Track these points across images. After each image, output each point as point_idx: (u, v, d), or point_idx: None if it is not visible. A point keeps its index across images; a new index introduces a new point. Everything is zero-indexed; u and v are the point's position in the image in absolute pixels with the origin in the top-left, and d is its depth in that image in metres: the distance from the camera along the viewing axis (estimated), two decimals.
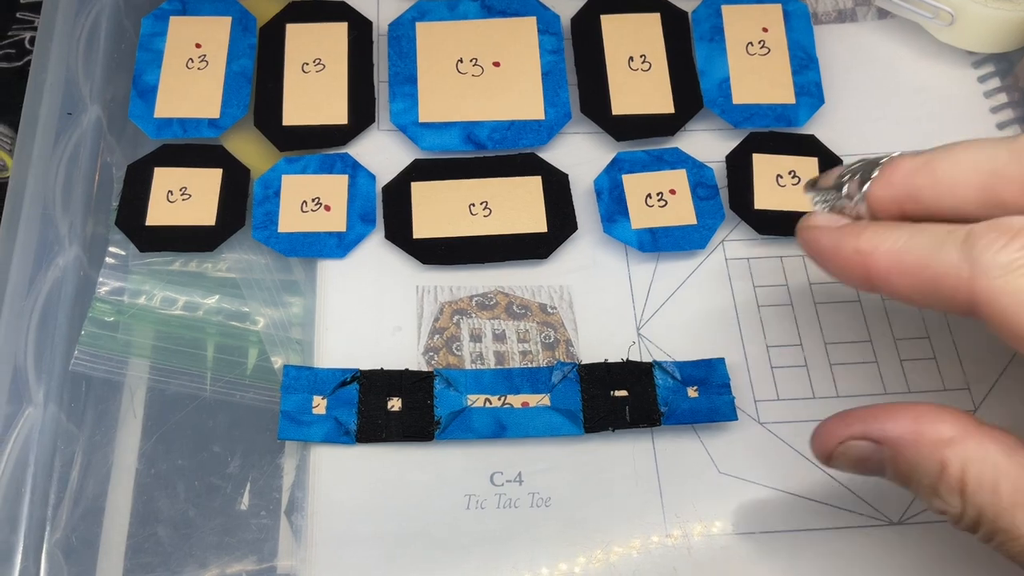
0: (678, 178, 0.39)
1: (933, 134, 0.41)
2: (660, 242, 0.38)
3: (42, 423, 0.34)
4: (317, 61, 0.41)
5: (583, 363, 0.35)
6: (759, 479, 0.34)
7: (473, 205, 0.38)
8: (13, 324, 0.35)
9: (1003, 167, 0.25)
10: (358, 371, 0.35)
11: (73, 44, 0.41)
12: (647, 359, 0.36)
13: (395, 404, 0.34)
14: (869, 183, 0.28)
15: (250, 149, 0.40)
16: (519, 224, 0.38)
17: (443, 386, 0.34)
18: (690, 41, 0.42)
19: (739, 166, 0.39)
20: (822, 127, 0.41)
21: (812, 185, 0.30)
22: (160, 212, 0.38)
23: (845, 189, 0.29)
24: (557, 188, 0.39)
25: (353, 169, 0.39)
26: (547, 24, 0.42)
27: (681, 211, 0.38)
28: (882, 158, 0.28)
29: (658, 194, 0.38)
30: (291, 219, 0.38)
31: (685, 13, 0.42)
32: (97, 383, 0.35)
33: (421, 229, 0.38)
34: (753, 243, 0.39)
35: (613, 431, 0.34)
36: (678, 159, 0.40)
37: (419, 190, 0.39)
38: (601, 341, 0.36)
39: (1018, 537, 0.23)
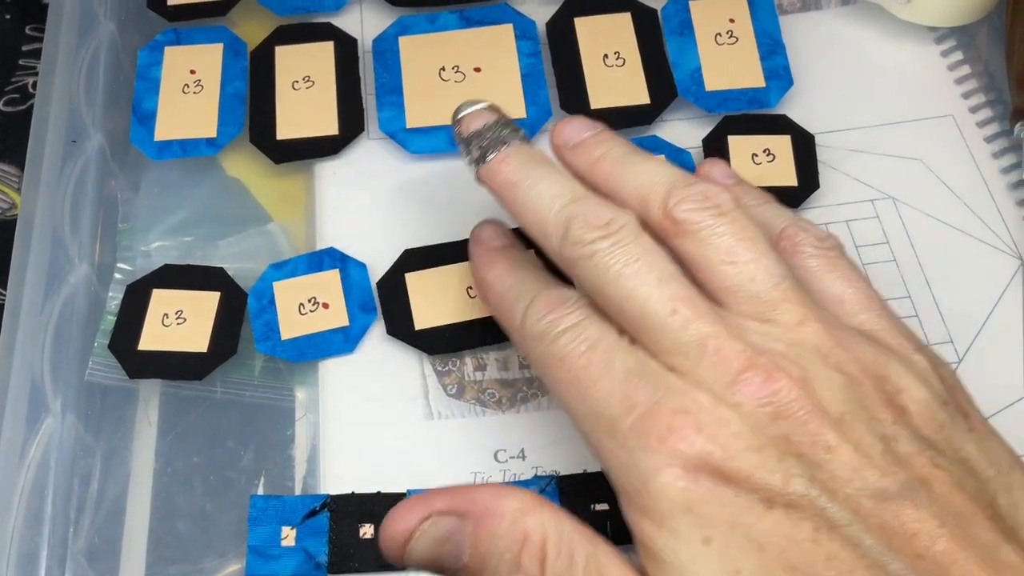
0: None
1: (901, 107, 0.43)
2: None
3: (61, 432, 0.35)
4: (306, 79, 0.43)
5: (561, 474, 0.34)
6: None
7: (471, 288, 0.37)
8: (29, 339, 0.36)
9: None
10: (328, 497, 0.33)
11: (74, 78, 0.43)
12: None
13: (367, 531, 0.33)
14: (477, 166, 0.31)
15: (246, 165, 0.42)
16: None
17: None
18: (661, 36, 0.44)
19: (716, 148, 0.41)
20: (793, 107, 0.42)
21: (454, 120, 0.33)
22: (154, 337, 0.37)
23: (466, 152, 0.32)
24: None
25: (342, 262, 0.38)
26: (524, 30, 0.44)
27: None
28: (509, 140, 0.31)
29: None
30: (292, 324, 0.37)
31: (654, 10, 0.44)
32: (112, 391, 0.37)
33: (422, 320, 0.37)
34: None
35: None
36: (657, 146, 0.41)
37: (414, 280, 0.38)
38: None
39: None
